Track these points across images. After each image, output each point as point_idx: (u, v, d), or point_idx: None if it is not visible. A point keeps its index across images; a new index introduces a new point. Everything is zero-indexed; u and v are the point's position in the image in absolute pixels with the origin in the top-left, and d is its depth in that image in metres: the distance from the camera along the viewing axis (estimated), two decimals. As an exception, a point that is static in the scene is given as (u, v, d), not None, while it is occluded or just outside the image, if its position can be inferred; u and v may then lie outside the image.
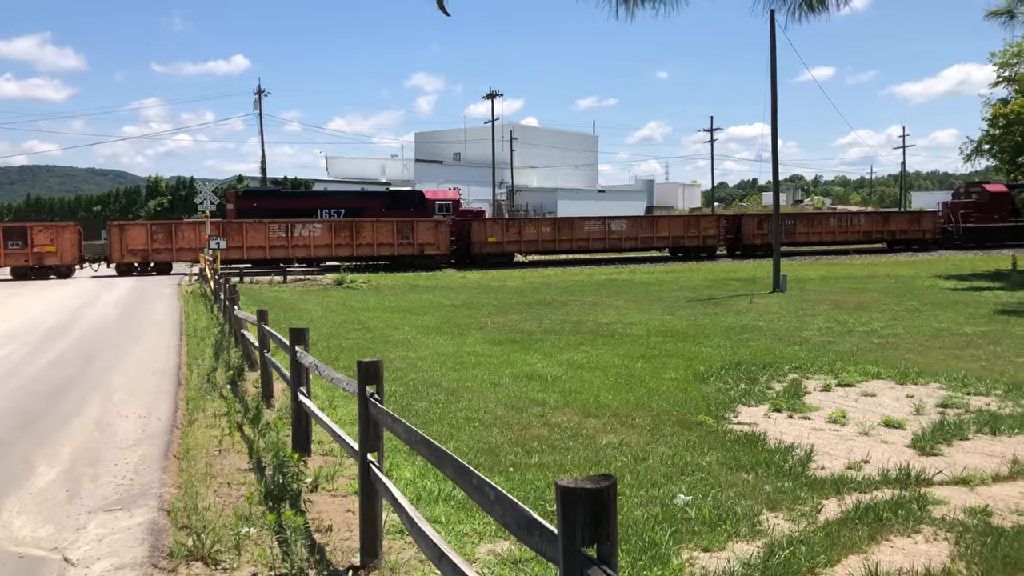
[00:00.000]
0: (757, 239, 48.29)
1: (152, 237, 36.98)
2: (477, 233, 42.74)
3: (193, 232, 37.49)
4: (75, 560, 5.05)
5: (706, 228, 48.07)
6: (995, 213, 51.52)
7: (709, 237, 47.78)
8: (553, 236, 44.43)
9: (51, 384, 11.06)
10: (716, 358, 12.66)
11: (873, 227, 52.65)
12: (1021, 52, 31.49)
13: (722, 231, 48.39)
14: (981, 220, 51.25)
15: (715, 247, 48.17)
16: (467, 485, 3.16)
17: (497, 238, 42.90)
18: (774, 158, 27.94)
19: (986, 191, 52.25)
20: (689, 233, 47.47)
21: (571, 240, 44.85)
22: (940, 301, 21.16)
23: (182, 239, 37.32)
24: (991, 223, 51.52)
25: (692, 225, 48.16)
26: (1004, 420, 8.40)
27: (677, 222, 48.67)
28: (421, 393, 10.26)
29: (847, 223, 52.17)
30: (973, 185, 56.13)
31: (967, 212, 51.67)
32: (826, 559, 4.94)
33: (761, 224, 49.19)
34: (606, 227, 45.74)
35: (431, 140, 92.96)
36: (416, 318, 19.54)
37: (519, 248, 43.66)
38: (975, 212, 51.53)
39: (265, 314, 9.72)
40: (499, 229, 43.43)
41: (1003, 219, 51.80)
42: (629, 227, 46.38)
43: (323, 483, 6.50)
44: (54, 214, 71.17)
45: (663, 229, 47.24)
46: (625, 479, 6.48)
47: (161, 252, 37.08)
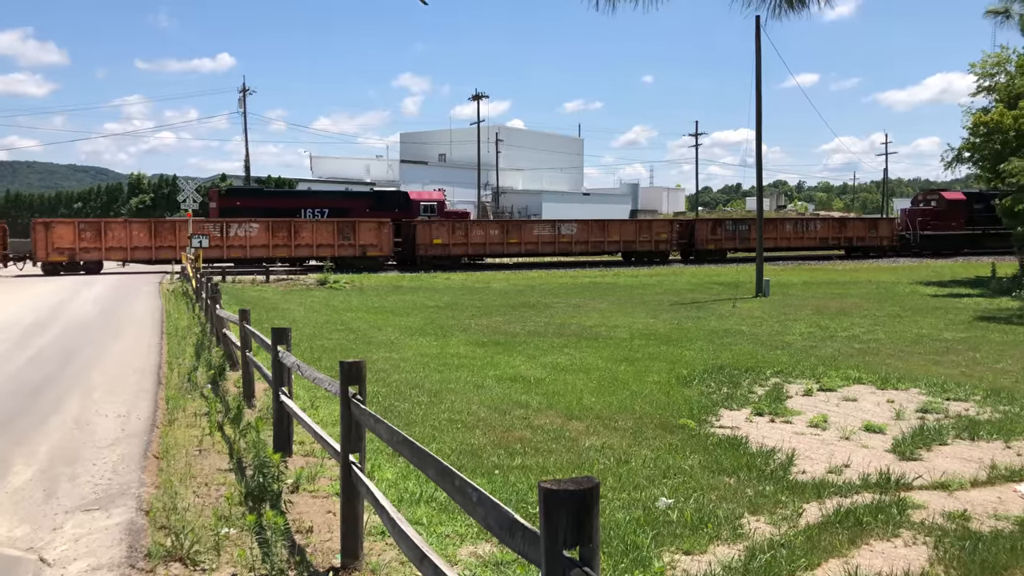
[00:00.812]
0: (710, 244, 48.10)
1: (80, 236, 35.59)
2: (422, 235, 41.77)
3: (124, 231, 36.40)
4: (51, 560, 4.98)
5: (658, 233, 47.59)
6: (952, 221, 51.32)
7: (661, 242, 47.29)
8: (501, 239, 43.56)
9: (29, 382, 10.93)
10: (699, 362, 12.70)
11: (830, 233, 52.41)
12: (1001, 62, 31.83)
13: (675, 236, 47.97)
14: (938, 228, 51.08)
15: (667, 252, 47.66)
16: (449, 486, 3.15)
17: (443, 240, 41.94)
18: (758, 163, 28.11)
19: (944, 199, 52.20)
20: (641, 237, 46.87)
21: (520, 243, 44.02)
22: (921, 307, 21.35)
23: (112, 238, 36.02)
24: (948, 231, 51.30)
25: (644, 230, 47.58)
26: (983, 425, 8.48)
27: (628, 226, 48.10)
28: (404, 394, 10.23)
29: (803, 229, 51.93)
30: (931, 193, 56.03)
31: (924, 220, 51.59)
32: (806, 563, 4.96)
33: (715, 229, 49.00)
34: (555, 230, 45.02)
35: (416, 141, 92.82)
36: (399, 319, 19.49)
37: (465, 251, 42.78)
38: (932, 220, 51.41)
39: (247, 313, 9.65)
40: (445, 231, 42.37)
41: (960, 227, 51.57)
42: (579, 231, 45.60)
43: (304, 484, 6.45)
44: (34, 211, 70.42)
45: (614, 233, 46.48)
46: (607, 482, 6.48)
47: (90, 251, 35.70)
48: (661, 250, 47.32)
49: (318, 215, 42.46)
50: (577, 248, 45.53)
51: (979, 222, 51.60)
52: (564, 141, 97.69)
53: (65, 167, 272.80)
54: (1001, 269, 32.72)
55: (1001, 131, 29.70)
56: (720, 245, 48.58)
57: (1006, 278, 29.09)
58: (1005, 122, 29.38)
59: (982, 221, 51.54)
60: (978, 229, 51.63)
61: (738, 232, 49.02)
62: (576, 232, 45.45)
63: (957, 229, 51.40)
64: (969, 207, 51.62)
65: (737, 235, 48.93)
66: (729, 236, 48.82)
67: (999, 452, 7.60)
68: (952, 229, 51.28)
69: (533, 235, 44.51)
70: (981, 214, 51.41)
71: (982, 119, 30.66)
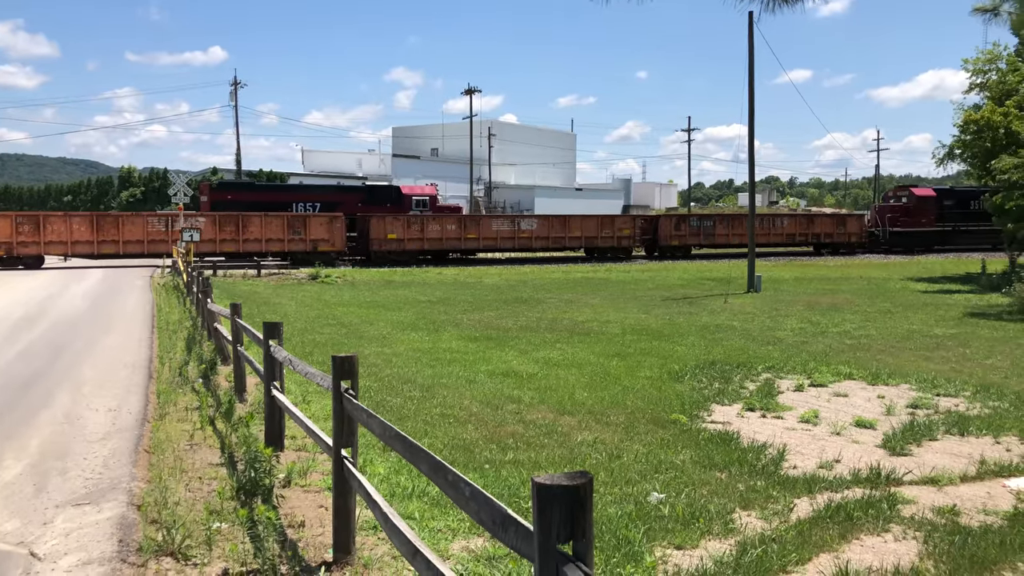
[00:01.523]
0: (674, 240, 47.48)
1: (18, 229, 34.28)
2: (376, 229, 40.55)
3: (64, 225, 35.23)
4: (42, 555, 4.96)
5: (621, 229, 46.79)
6: (923, 218, 50.76)
7: (624, 238, 46.58)
8: (459, 234, 42.57)
9: (19, 376, 10.88)
10: (691, 357, 12.73)
11: (797, 230, 51.81)
12: (993, 59, 31.94)
13: (638, 232, 47.26)
14: (908, 225, 50.54)
15: (631, 248, 47.00)
16: (442, 481, 3.15)
17: (398, 235, 40.85)
18: (750, 159, 28.17)
19: (914, 195, 51.65)
20: (603, 233, 46.05)
21: (478, 239, 43.08)
22: (911, 303, 21.44)
23: (52, 232, 34.71)
24: (919, 227, 50.80)
25: (606, 225, 46.66)
26: (972, 421, 8.52)
27: (590, 222, 46.82)
28: (396, 389, 10.22)
29: (770, 225, 51.07)
30: (901, 189, 55.38)
31: (894, 216, 50.99)
32: (797, 557, 4.98)
33: (679, 225, 48.35)
34: (515, 226, 44.14)
35: (409, 135, 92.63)
36: (391, 314, 19.46)
37: (421, 246, 41.64)
38: (902, 216, 50.81)
39: (239, 308, 9.62)
40: (400, 226, 41.10)
41: (931, 224, 51.02)
42: (540, 226, 44.81)
43: (296, 478, 6.44)
44: (23, 204, 70.06)
45: (575, 229, 45.55)
46: (599, 476, 6.50)
47: (28, 245, 34.36)
48: (624, 246, 46.65)
49: (310, 209, 42.32)
50: (538, 244, 44.83)
51: (950, 219, 51.10)
52: (557, 136, 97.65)
53: (55, 160, 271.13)
54: (991, 265, 32.86)
55: (991, 128, 29.82)
56: (684, 241, 47.97)
57: (996, 274, 29.23)
58: (995, 119, 29.50)
59: (953, 218, 51.16)
60: (948, 226, 51.14)
61: (702, 228, 48.57)
62: (536, 227, 44.71)
63: (928, 226, 50.94)
64: (940, 203, 51.09)
65: (701, 231, 48.45)
66: (693, 232, 48.26)
67: (988, 447, 7.64)
68: (922, 226, 50.82)
69: (492, 230, 43.56)
70: (952, 210, 51.05)
71: (972, 117, 30.77)
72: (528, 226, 44.65)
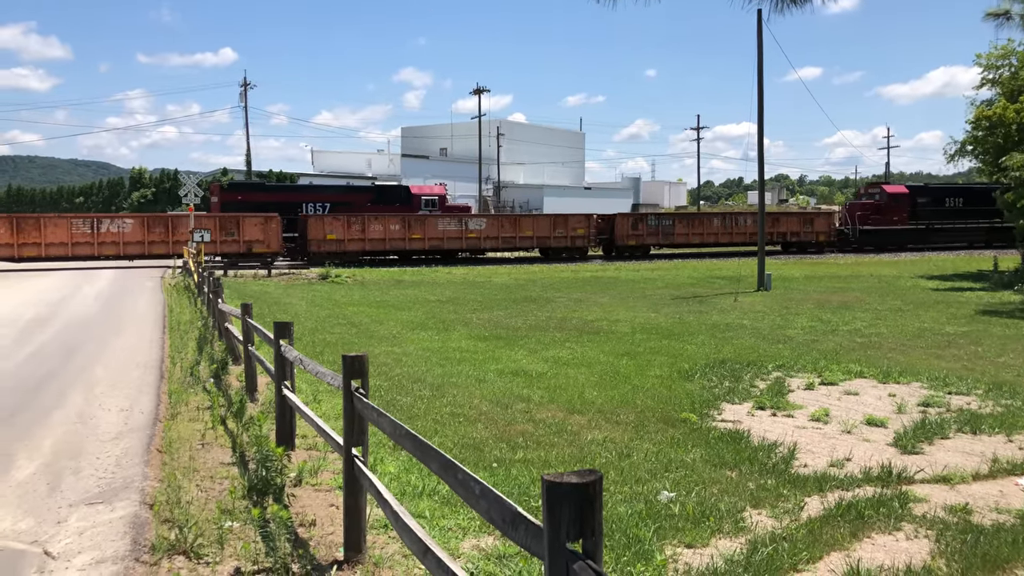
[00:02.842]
0: (631, 240, 46.13)
1: None
2: (314, 230, 39.29)
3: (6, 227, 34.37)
4: (56, 553, 5.00)
5: (575, 228, 45.12)
6: (895, 215, 49.40)
7: (578, 237, 45.04)
8: (403, 235, 40.99)
9: (32, 377, 10.95)
10: (700, 356, 12.70)
11: None
12: (1007, 54, 31.73)
13: (592, 231, 45.66)
14: (880, 222, 49.06)
15: (585, 248, 45.51)
16: (452, 480, 3.16)
17: (338, 235, 39.51)
18: (760, 157, 28.07)
19: (886, 192, 50.34)
20: (556, 233, 44.61)
21: (423, 239, 41.46)
22: (922, 301, 21.33)
23: None
24: (890, 225, 49.37)
25: (560, 225, 45.07)
26: (984, 419, 8.48)
27: (543, 221, 45.49)
28: (406, 388, 10.24)
29: (732, 224, 49.49)
30: (873, 186, 53.66)
31: (865, 214, 49.43)
32: (808, 556, 4.97)
33: (636, 224, 46.80)
34: (463, 225, 42.52)
35: (418, 135, 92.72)
36: (401, 313, 19.50)
37: (363, 247, 40.20)
38: (873, 214, 49.31)
39: (249, 308, 9.66)
40: (340, 226, 39.69)
41: (903, 222, 49.67)
42: (489, 226, 43.19)
43: (307, 477, 6.47)
44: (35, 205, 70.48)
45: (527, 228, 44.24)
46: (609, 475, 6.50)
47: None
48: (579, 246, 45.19)
49: (319, 209, 42.42)
50: (487, 244, 43.30)
51: (923, 216, 49.81)
52: (566, 135, 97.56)
53: (67, 161, 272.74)
54: (1003, 263, 32.64)
55: (1003, 124, 29.63)
56: (642, 241, 46.57)
57: (1008, 272, 29.06)
58: (1008, 116, 29.31)
59: (926, 215, 49.89)
60: (922, 223, 49.89)
61: (661, 227, 47.21)
62: (485, 227, 43.13)
63: (900, 224, 49.62)
64: (913, 201, 49.75)
65: (660, 230, 47.08)
66: (652, 231, 46.87)
67: (1001, 446, 7.60)
68: (894, 224, 49.49)
69: (438, 230, 41.94)
70: (926, 208, 49.81)
71: (984, 113, 30.58)
72: (476, 226, 43.04)
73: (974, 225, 51.61)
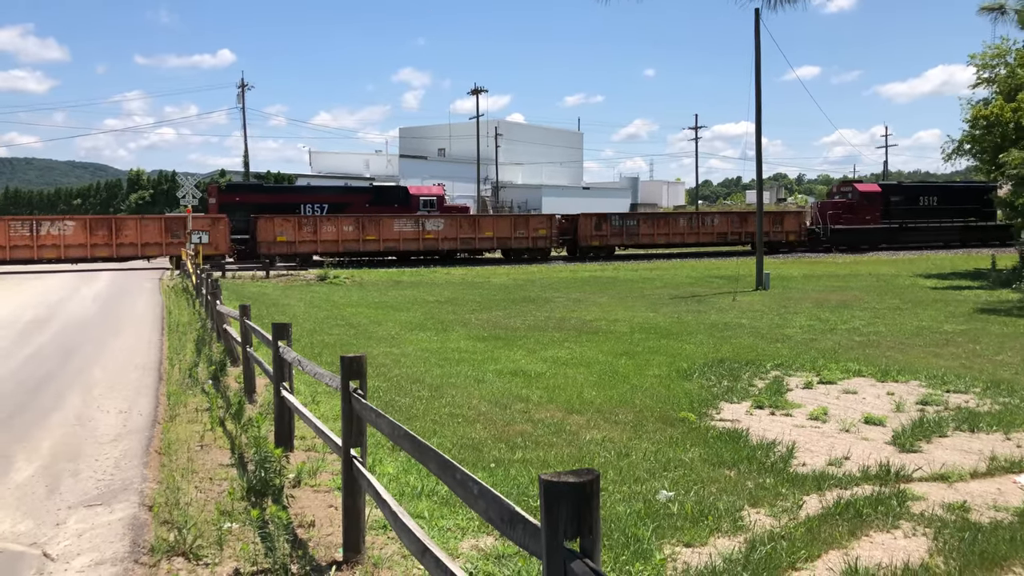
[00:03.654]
0: (595, 240, 45.35)
1: None
2: (264, 231, 38.32)
3: None
4: (55, 555, 5.00)
5: (537, 229, 44.27)
6: (867, 214, 48.59)
7: (540, 238, 44.20)
8: (357, 236, 40.03)
9: (30, 378, 10.95)
10: (699, 355, 12.71)
11: (729, 228, 49.07)
12: (1001, 54, 31.77)
13: (555, 232, 45.07)
14: (851, 221, 48.17)
15: (548, 248, 44.71)
16: (451, 480, 3.16)
17: (288, 237, 38.63)
18: (758, 157, 28.09)
19: (857, 191, 49.50)
20: (517, 234, 43.63)
21: (378, 241, 40.56)
22: (921, 300, 21.35)
23: None
24: (862, 224, 48.48)
25: (521, 225, 44.19)
26: (982, 417, 8.50)
27: (503, 222, 44.42)
28: (404, 389, 10.25)
29: (699, 224, 48.92)
30: (845, 184, 52.80)
31: (836, 213, 48.50)
32: (806, 554, 4.98)
33: (599, 224, 45.84)
34: (420, 226, 41.44)
35: (416, 135, 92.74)
36: (400, 314, 19.50)
37: (315, 249, 39.27)
38: (845, 213, 48.40)
39: (248, 309, 9.67)
40: (291, 227, 38.79)
41: (875, 221, 48.82)
42: (447, 227, 42.14)
43: (306, 479, 6.47)
44: (33, 207, 70.44)
45: (487, 229, 43.15)
46: (608, 475, 6.50)
47: None
48: (540, 247, 44.34)
49: (318, 210, 42.41)
50: (445, 245, 42.30)
51: (896, 215, 49.18)
52: (564, 135, 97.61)
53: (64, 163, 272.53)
54: (1001, 261, 32.67)
55: (1001, 124, 29.66)
56: (606, 241, 45.81)
57: (1006, 270, 29.09)
58: (1004, 115, 29.34)
59: (899, 214, 49.30)
60: (895, 222, 49.23)
61: (625, 227, 46.55)
62: (444, 228, 42.12)
63: (872, 223, 48.82)
64: (885, 200, 49.03)
65: (624, 230, 46.40)
66: (615, 232, 46.09)
67: (999, 444, 7.61)
68: (866, 223, 48.65)
69: (394, 231, 40.89)
70: (899, 207, 49.26)
71: (981, 112, 30.61)
72: (434, 227, 41.97)
73: (949, 224, 51.00)
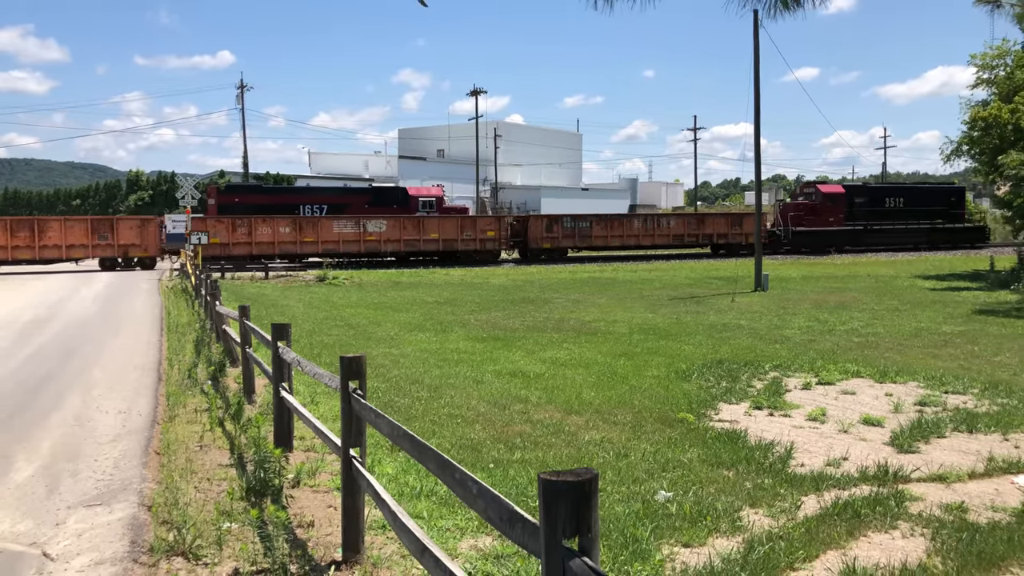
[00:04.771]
0: (546, 243, 44.62)
1: None
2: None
3: None
4: (54, 555, 5.01)
5: (485, 230, 43.16)
6: (830, 216, 47.76)
7: (488, 240, 43.16)
8: (294, 238, 39.12)
9: (30, 379, 10.96)
10: (698, 356, 12.73)
11: (685, 230, 48.20)
12: (1002, 54, 31.82)
13: (504, 234, 43.91)
14: (814, 223, 47.27)
15: (497, 251, 43.70)
16: (450, 479, 3.18)
17: (222, 239, 37.67)
18: (756, 158, 28.12)
19: (820, 192, 48.83)
20: (464, 235, 42.52)
21: (317, 243, 39.64)
22: (919, 301, 21.37)
23: None
24: (825, 227, 47.61)
25: (468, 227, 43.03)
26: (981, 418, 8.51)
27: (449, 223, 42.93)
28: (404, 390, 10.26)
29: (655, 226, 47.95)
30: (808, 185, 52.20)
31: (798, 215, 47.59)
32: (805, 554, 4.99)
33: (551, 226, 45.20)
34: (361, 228, 40.53)
35: (415, 136, 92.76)
36: (399, 315, 19.51)
37: (249, 251, 38.14)
38: (807, 215, 47.55)
39: (247, 310, 9.68)
40: (224, 229, 38.02)
41: (838, 223, 47.98)
42: (390, 228, 41.15)
43: (305, 479, 6.48)
44: (32, 208, 70.41)
45: (432, 231, 42.04)
46: (607, 475, 6.51)
47: None
48: (488, 248, 43.25)
49: (317, 211, 42.43)
50: (388, 247, 41.31)
51: (861, 217, 48.50)
52: (563, 136, 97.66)
53: (63, 164, 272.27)
54: (1000, 262, 32.70)
55: (999, 125, 29.70)
56: (558, 244, 45.11)
57: (1005, 271, 29.12)
58: (1003, 116, 29.39)
59: (863, 216, 48.62)
60: (859, 224, 48.49)
61: (578, 229, 45.62)
62: (386, 230, 41.14)
63: (835, 225, 48.00)
64: (849, 201, 48.31)
65: (577, 232, 45.53)
66: (567, 234, 45.30)
67: (997, 444, 7.63)
68: (829, 225, 47.85)
69: (333, 233, 40.03)
70: (863, 208, 48.58)
71: (980, 114, 30.65)
72: (376, 228, 41.01)
73: (915, 226, 50.31)
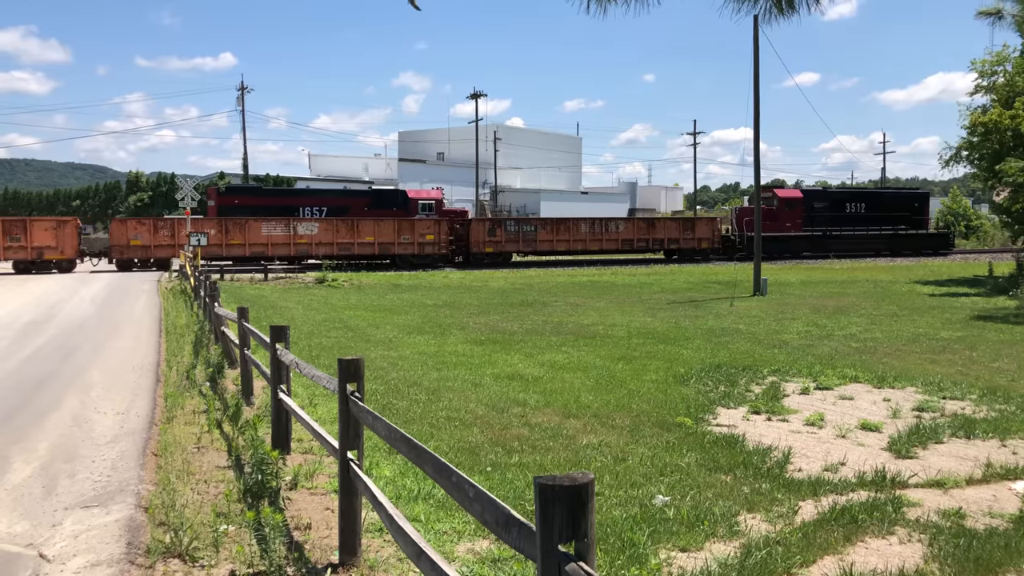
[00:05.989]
0: (488, 247, 43.40)
1: None
2: (116, 235, 36.80)
3: None
4: (51, 556, 5.01)
5: (423, 234, 41.71)
6: (788, 222, 46.93)
7: (427, 244, 41.68)
8: (220, 240, 37.71)
9: (28, 379, 10.95)
10: (696, 360, 12.73)
11: (635, 235, 47.13)
12: (1002, 60, 31.85)
13: (443, 237, 42.32)
14: (771, 229, 44.83)
15: (436, 255, 42.17)
16: (447, 483, 3.17)
17: (144, 241, 36.92)
18: (756, 162, 28.15)
19: (778, 197, 47.81)
20: (401, 239, 41.13)
21: (244, 245, 38.52)
22: (918, 306, 21.37)
23: None
24: (782, 232, 46.55)
25: (405, 230, 41.50)
26: (978, 424, 8.51)
27: (385, 226, 41.37)
28: (402, 392, 10.25)
29: (603, 230, 46.60)
30: (765, 190, 50.29)
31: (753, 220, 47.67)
32: (802, 560, 4.99)
33: (493, 230, 44.01)
34: (291, 230, 39.37)
35: (415, 139, 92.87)
36: (398, 317, 19.50)
37: (172, 254, 36.59)
38: (764, 220, 45.55)
39: (246, 311, 9.67)
40: (146, 231, 37.18)
41: (796, 228, 47.27)
42: (322, 231, 40.04)
43: (302, 481, 6.48)
44: (32, 208, 70.40)
45: (367, 234, 40.73)
46: (604, 479, 6.51)
47: None
48: (428, 253, 41.86)
49: (316, 213, 42.41)
50: (320, 251, 39.85)
51: (820, 223, 47.85)
52: (563, 140, 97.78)
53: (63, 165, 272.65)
54: (998, 268, 32.71)
55: (999, 131, 29.73)
56: (501, 248, 43.81)
57: (1003, 277, 29.14)
58: (1003, 122, 29.41)
59: (823, 222, 47.93)
60: (819, 230, 47.84)
61: (522, 233, 44.64)
62: (318, 232, 40.04)
63: (793, 230, 47.18)
64: (808, 206, 47.71)
65: (521, 236, 44.50)
66: (511, 238, 44.16)
67: (994, 450, 7.63)
68: (787, 230, 46.91)
69: (262, 235, 38.77)
70: (823, 214, 47.90)
71: (980, 119, 30.67)
72: (307, 230, 39.93)
73: (876, 232, 49.73)
